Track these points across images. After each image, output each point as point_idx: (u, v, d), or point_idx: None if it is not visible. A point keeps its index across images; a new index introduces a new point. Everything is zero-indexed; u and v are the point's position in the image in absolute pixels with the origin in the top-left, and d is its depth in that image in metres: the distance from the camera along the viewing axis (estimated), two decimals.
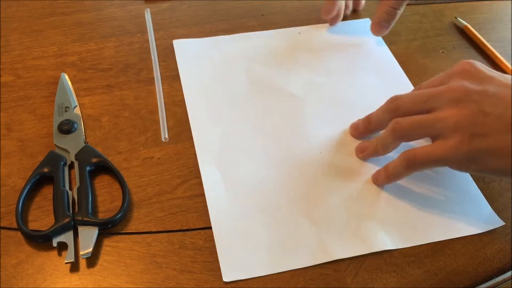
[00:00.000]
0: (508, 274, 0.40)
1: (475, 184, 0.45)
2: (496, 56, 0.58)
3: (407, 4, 0.57)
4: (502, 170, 0.37)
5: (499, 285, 0.40)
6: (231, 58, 0.55)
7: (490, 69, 0.40)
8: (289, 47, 0.57)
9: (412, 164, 0.40)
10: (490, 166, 0.37)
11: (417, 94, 0.41)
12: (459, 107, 0.37)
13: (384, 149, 0.43)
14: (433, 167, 0.41)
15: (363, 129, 0.46)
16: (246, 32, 0.59)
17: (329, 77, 0.53)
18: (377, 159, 0.45)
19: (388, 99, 0.43)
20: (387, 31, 0.57)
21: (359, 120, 0.47)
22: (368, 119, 0.46)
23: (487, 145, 0.36)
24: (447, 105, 0.38)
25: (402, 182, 0.44)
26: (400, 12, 0.55)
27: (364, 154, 0.45)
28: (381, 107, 0.44)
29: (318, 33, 0.59)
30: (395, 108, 0.42)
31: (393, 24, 0.56)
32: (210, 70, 0.53)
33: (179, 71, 0.53)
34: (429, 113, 0.39)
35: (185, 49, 0.55)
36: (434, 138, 0.39)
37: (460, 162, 0.38)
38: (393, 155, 0.43)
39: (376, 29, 0.57)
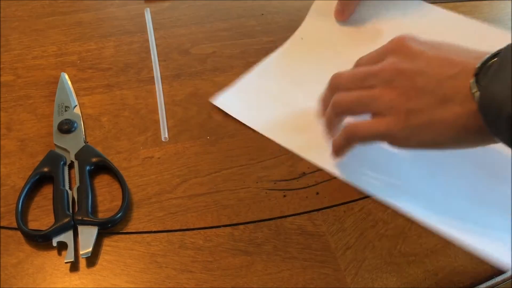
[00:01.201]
0: (508, 274, 0.40)
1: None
2: None
3: None
4: (438, 143, 0.38)
5: (499, 285, 0.40)
6: (272, 90, 0.53)
7: (421, 41, 0.41)
8: (297, 61, 0.55)
9: (352, 136, 0.41)
10: (427, 139, 0.38)
11: (355, 72, 0.42)
12: (393, 86, 0.39)
13: (328, 123, 0.44)
14: (373, 141, 0.41)
15: (321, 110, 0.46)
16: (246, 30, 0.59)
17: None
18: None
19: (330, 77, 0.44)
20: (347, 16, 0.57)
21: None
22: (321, 99, 0.46)
23: (423, 120, 0.37)
24: (382, 84, 0.39)
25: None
26: None
27: (325, 135, 0.46)
28: (326, 86, 0.45)
29: (325, 28, 0.57)
30: (336, 85, 0.43)
31: (353, 7, 0.55)
32: (263, 105, 0.51)
33: (240, 120, 0.49)
34: (367, 89, 0.40)
35: (227, 101, 0.51)
36: (373, 114, 0.40)
37: (398, 138, 0.39)
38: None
39: (335, 12, 0.57)
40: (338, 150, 0.43)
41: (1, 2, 0.61)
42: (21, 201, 0.40)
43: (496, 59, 0.35)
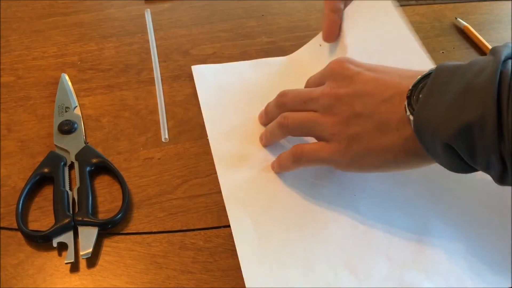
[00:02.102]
0: None
1: None
2: None
3: (408, 5, 0.57)
4: (379, 167, 0.39)
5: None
6: (251, 86, 0.52)
7: (358, 63, 0.41)
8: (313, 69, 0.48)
9: (298, 160, 0.41)
10: (368, 164, 0.39)
11: (299, 93, 0.43)
12: (333, 113, 0.39)
13: (272, 137, 0.45)
14: (318, 165, 0.42)
15: (265, 119, 0.47)
16: (246, 31, 0.59)
17: None
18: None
19: (278, 94, 0.45)
20: (335, 38, 0.51)
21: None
22: (265, 110, 0.47)
23: (363, 147, 0.38)
24: (323, 110, 0.40)
25: (446, 222, 0.41)
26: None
27: (262, 142, 0.46)
28: (273, 101, 0.46)
29: (343, 42, 0.51)
30: (282, 104, 0.44)
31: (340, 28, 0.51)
32: (231, 99, 0.50)
33: (199, 99, 0.50)
34: (310, 113, 0.41)
35: (204, 75, 0.52)
36: (318, 138, 0.41)
37: (341, 165, 0.40)
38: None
39: (323, 35, 0.52)
40: (284, 169, 0.43)
41: (2, 3, 0.61)
42: (21, 201, 0.40)
43: (427, 80, 0.35)
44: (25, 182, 0.41)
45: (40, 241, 0.38)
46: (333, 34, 0.51)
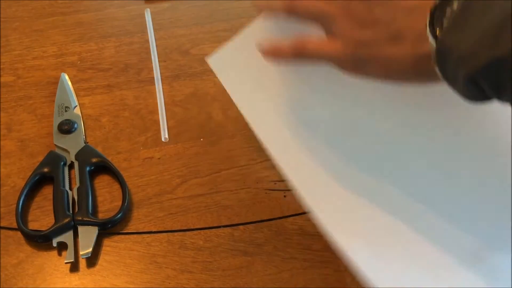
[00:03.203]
0: None
1: None
2: None
3: None
4: (384, 77, 0.36)
5: None
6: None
7: None
8: None
9: (300, 51, 0.38)
10: (373, 73, 0.36)
11: None
12: (349, 8, 0.36)
13: (273, 11, 0.41)
14: (319, 62, 0.38)
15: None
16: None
17: None
18: None
19: None
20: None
21: None
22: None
23: (369, 54, 0.35)
24: (341, 5, 0.37)
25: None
26: None
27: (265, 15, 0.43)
28: None
29: None
30: None
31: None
32: (257, 75, 0.44)
33: (229, 93, 0.43)
34: (328, 4, 0.37)
35: (223, 64, 0.46)
36: (325, 30, 0.38)
37: (343, 66, 0.37)
38: None
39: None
40: (279, 55, 0.40)
41: (2, 3, 0.61)
42: (21, 201, 0.40)
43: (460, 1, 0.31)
44: (25, 182, 0.41)
45: (40, 240, 0.38)
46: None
